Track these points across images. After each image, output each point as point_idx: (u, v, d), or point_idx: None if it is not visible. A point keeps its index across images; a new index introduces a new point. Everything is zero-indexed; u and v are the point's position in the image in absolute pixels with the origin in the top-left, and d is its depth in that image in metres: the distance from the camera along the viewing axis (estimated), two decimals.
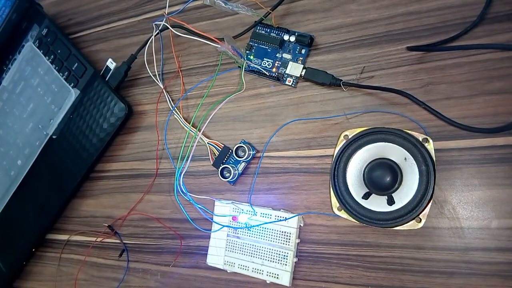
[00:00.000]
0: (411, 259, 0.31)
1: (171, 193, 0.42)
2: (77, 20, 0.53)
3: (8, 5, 0.51)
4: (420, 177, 0.31)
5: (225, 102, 0.40)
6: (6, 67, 0.54)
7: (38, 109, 0.49)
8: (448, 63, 0.32)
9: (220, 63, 0.41)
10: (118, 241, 0.44)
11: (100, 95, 0.45)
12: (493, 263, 0.29)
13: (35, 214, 0.47)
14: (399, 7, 0.35)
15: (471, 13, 0.32)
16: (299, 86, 0.38)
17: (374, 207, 0.32)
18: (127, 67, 0.44)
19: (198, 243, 0.40)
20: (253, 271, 0.35)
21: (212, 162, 0.39)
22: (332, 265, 0.34)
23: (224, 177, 0.38)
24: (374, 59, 0.35)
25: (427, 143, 0.31)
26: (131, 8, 0.49)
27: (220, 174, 0.38)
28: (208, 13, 0.43)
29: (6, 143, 0.51)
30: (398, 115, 0.33)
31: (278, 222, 0.35)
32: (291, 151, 0.37)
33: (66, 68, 0.48)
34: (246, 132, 0.39)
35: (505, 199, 0.30)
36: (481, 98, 0.31)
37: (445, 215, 0.31)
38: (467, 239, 0.30)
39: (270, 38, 0.39)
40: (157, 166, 0.42)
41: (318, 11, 0.38)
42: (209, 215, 0.38)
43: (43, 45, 0.50)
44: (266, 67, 0.39)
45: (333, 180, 0.34)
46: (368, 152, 0.33)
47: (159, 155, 0.42)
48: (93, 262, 0.45)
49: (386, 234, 0.32)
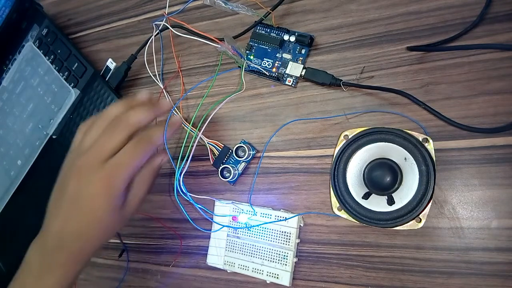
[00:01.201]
0: (411, 259, 0.31)
1: (171, 193, 0.42)
2: (77, 20, 0.53)
3: (8, 5, 0.51)
4: (420, 177, 0.31)
5: (225, 102, 0.40)
6: (6, 67, 0.54)
7: (38, 109, 0.49)
8: (448, 63, 0.32)
9: (220, 63, 0.41)
10: (118, 241, 0.44)
11: (100, 95, 0.45)
12: (493, 263, 0.29)
13: (35, 214, 0.47)
14: (399, 7, 0.35)
15: (471, 13, 0.32)
16: (299, 86, 0.38)
17: (374, 207, 0.32)
18: (127, 67, 0.44)
19: (198, 243, 0.40)
20: (253, 271, 0.35)
21: (212, 162, 0.39)
22: (332, 265, 0.34)
23: (224, 177, 0.38)
24: (374, 59, 0.35)
25: (427, 143, 0.31)
26: (131, 8, 0.49)
27: (220, 174, 0.38)
28: (208, 13, 0.43)
29: (6, 143, 0.51)
30: (398, 115, 0.33)
31: (278, 222, 0.35)
32: (291, 151, 0.37)
33: (66, 68, 0.48)
34: (246, 132, 0.39)
35: (505, 199, 0.30)
36: (481, 98, 0.31)
37: (445, 215, 0.31)
38: (467, 239, 0.30)
39: (270, 38, 0.39)
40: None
41: (318, 11, 0.38)
42: (209, 215, 0.38)
43: (43, 45, 0.50)
44: (266, 67, 0.39)
45: (333, 180, 0.34)
46: (368, 152, 0.33)
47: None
48: (93, 262, 0.45)
49: (386, 234, 0.32)
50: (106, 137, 0.33)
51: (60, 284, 0.32)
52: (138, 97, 0.36)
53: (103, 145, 0.32)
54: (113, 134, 0.33)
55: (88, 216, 0.32)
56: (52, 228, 0.33)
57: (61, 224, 0.32)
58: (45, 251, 0.33)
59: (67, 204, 0.32)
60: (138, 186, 0.34)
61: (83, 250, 0.33)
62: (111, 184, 0.32)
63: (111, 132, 0.33)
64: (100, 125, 0.34)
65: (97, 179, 0.31)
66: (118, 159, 0.32)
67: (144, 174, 0.34)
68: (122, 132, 0.33)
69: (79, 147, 0.34)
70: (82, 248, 0.33)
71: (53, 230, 0.33)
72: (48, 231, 0.33)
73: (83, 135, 0.35)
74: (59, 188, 0.34)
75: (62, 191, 0.33)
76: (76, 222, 0.32)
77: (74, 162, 0.33)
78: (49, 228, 0.33)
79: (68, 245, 0.32)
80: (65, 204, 0.32)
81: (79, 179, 0.32)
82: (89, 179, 0.32)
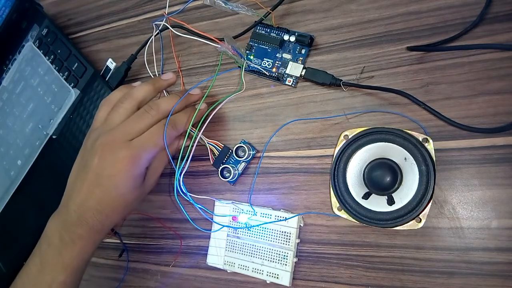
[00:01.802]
0: (411, 259, 0.31)
1: (171, 193, 0.42)
2: (77, 20, 0.53)
3: (8, 5, 0.51)
4: (420, 177, 0.31)
5: (225, 102, 0.40)
6: (6, 67, 0.54)
7: (38, 109, 0.49)
8: (448, 63, 0.32)
9: (220, 63, 0.41)
10: (118, 241, 0.44)
11: (100, 95, 0.45)
12: (493, 263, 0.29)
13: (35, 214, 0.47)
14: (399, 7, 0.35)
15: (471, 13, 0.32)
16: (299, 86, 0.38)
17: (374, 207, 0.32)
18: (127, 67, 0.44)
19: (198, 243, 0.40)
20: (253, 271, 0.35)
21: (212, 162, 0.39)
22: (332, 265, 0.34)
23: (224, 177, 0.38)
24: (374, 59, 0.35)
25: (427, 143, 0.31)
26: (131, 8, 0.49)
27: (220, 174, 0.38)
28: (208, 13, 0.43)
29: (6, 143, 0.51)
30: (398, 115, 0.33)
31: (278, 222, 0.35)
32: (291, 151, 0.37)
33: (66, 68, 0.48)
34: (246, 132, 0.39)
35: (505, 199, 0.30)
36: (481, 98, 0.31)
37: (445, 215, 0.31)
38: (467, 239, 0.30)
39: (270, 38, 0.39)
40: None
41: (318, 11, 0.38)
42: (209, 215, 0.38)
43: (43, 45, 0.50)
44: (266, 67, 0.39)
45: (333, 180, 0.34)
46: (368, 152, 0.33)
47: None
48: (93, 262, 0.45)
49: (386, 234, 0.32)
50: (135, 120, 0.34)
51: (81, 256, 0.34)
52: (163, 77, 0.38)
53: (131, 126, 0.34)
54: (142, 118, 0.34)
55: (110, 192, 0.33)
56: (73, 203, 0.33)
57: (83, 199, 0.33)
58: (65, 224, 0.33)
59: (89, 180, 0.33)
60: (156, 165, 0.36)
61: (103, 224, 0.34)
62: (135, 163, 0.33)
63: (140, 117, 0.34)
64: (127, 107, 0.35)
65: (122, 157, 0.32)
66: (144, 140, 0.33)
67: (163, 155, 0.36)
68: (152, 118, 0.34)
69: (105, 125, 0.35)
70: (102, 223, 0.34)
71: (74, 204, 0.33)
72: (68, 206, 0.34)
73: (108, 114, 0.35)
74: (81, 164, 0.35)
75: (85, 167, 0.34)
76: (98, 197, 0.33)
77: (99, 139, 0.33)
78: (69, 202, 0.34)
79: (89, 219, 0.33)
80: (88, 179, 0.33)
81: (104, 155, 0.33)
82: (114, 156, 0.32)
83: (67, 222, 0.33)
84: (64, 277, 0.33)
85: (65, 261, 0.33)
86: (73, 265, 0.33)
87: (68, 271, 0.33)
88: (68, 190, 0.35)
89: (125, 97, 0.35)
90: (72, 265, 0.33)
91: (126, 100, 0.35)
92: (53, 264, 0.33)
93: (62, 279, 0.33)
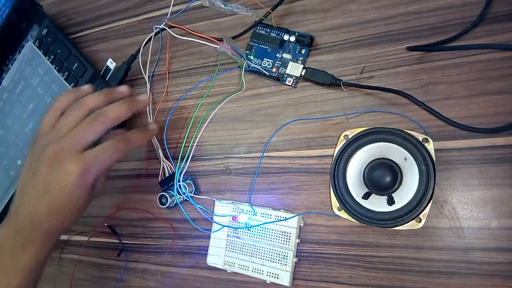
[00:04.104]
0: (411, 259, 0.31)
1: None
2: (77, 20, 0.53)
3: (8, 5, 0.51)
4: (420, 177, 0.31)
5: (225, 102, 0.40)
6: (6, 67, 0.54)
7: (38, 109, 0.49)
8: (448, 63, 0.32)
9: (219, 63, 0.41)
10: (118, 241, 0.44)
11: None
12: (493, 263, 0.29)
13: None
14: (399, 7, 0.35)
15: (471, 13, 0.32)
16: (299, 86, 0.38)
17: (374, 207, 0.32)
18: (127, 67, 0.44)
19: (198, 243, 0.40)
20: (253, 271, 0.35)
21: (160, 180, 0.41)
22: (332, 265, 0.34)
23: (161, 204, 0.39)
24: (374, 59, 0.35)
25: (427, 143, 0.31)
26: (131, 8, 0.49)
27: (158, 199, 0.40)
28: (208, 13, 0.43)
29: (6, 143, 0.51)
30: (398, 115, 0.33)
31: (278, 222, 0.35)
32: (291, 151, 0.37)
33: (66, 68, 0.48)
34: (246, 132, 0.39)
35: (505, 199, 0.30)
36: (481, 98, 0.31)
37: (445, 215, 0.31)
38: (467, 239, 0.30)
39: (270, 38, 0.39)
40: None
41: (318, 11, 0.38)
42: (209, 215, 0.38)
43: (43, 45, 0.50)
44: (266, 67, 0.39)
45: (333, 180, 0.34)
46: (368, 152, 0.33)
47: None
48: (93, 262, 0.45)
49: (386, 234, 0.32)
50: (84, 127, 0.34)
51: (35, 261, 0.33)
52: (117, 90, 0.38)
53: (81, 135, 0.33)
54: (91, 126, 0.34)
55: (60, 200, 0.33)
56: (24, 209, 0.34)
57: (33, 204, 0.33)
58: (18, 230, 0.33)
59: (39, 187, 0.33)
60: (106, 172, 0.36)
61: (56, 228, 0.34)
62: (85, 176, 0.33)
63: (90, 124, 0.34)
64: (77, 115, 0.34)
65: (71, 170, 0.32)
66: (97, 153, 0.33)
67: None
68: (101, 125, 0.34)
69: (54, 132, 0.34)
70: (54, 227, 0.34)
71: (25, 210, 0.33)
72: (19, 213, 0.34)
73: (56, 120, 0.35)
74: (30, 170, 0.34)
75: (34, 174, 0.33)
76: (49, 203, 0.33)
77: (49, 146, 0.33)
78: (19, 209, 0.34)
79: (41, 224, 0.33)
80: (37, 186, 0.33)
81: (52, 165, 0.32)
82: (63, 168, 0.32)
83: (19, 227, 0.33)
84: (19, 281, 0.33)
85: (19, 266, 0.33)
86: (27, 269, 0.33)
87: (23, 275, 0.33)
88: (18, 196, 0.35)
89: (77, 105, 0.35)
90: (26, 269, 0.33)
91: (77, 107, 0.35)
92: (7, 270, 0.33)
93: (16, 284, 0.33)
